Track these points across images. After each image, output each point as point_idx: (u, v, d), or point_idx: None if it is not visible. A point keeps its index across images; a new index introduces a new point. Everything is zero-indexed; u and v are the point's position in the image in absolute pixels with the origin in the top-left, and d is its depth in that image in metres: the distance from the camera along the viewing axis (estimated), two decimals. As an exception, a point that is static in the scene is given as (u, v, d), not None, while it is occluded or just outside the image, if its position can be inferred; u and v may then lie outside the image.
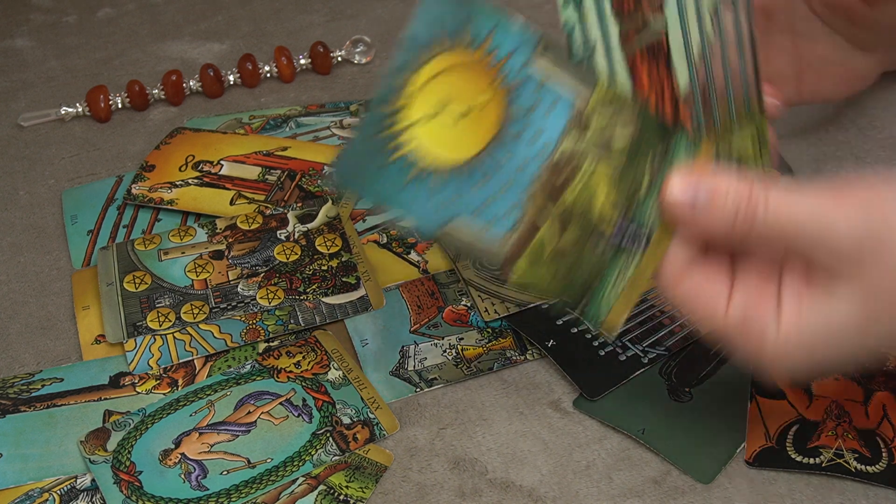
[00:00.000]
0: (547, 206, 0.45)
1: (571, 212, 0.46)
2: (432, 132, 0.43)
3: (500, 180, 0.44)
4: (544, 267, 0.46)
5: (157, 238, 0.65)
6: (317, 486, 0.53)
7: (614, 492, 0.53)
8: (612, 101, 0.45)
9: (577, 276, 0.47)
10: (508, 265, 0.46)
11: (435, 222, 0.45)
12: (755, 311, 0.45)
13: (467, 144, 0.44)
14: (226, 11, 0.87)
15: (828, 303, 0.44)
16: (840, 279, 0.43)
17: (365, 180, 0.44)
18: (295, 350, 0.59)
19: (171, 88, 0.77)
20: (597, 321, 0.48)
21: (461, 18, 0.42)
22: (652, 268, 0.47)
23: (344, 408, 0.56)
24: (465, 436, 0.55)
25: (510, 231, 0.45)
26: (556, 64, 0.44)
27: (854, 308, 0.43)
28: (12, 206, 0.70)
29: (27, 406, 0.57)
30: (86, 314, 0.62)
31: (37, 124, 0.76)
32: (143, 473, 0.54)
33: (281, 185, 0.69)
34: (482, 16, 0.42)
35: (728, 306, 0.45)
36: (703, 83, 0.48)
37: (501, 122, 0.44)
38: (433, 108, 0.43)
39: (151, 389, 0.58)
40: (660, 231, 0.46)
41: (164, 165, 0.70)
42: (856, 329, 0.44)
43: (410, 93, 0.43)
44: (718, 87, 0.48)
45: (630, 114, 0.46)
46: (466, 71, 0.43)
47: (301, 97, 0.78)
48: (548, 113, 0.44)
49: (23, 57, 0.83)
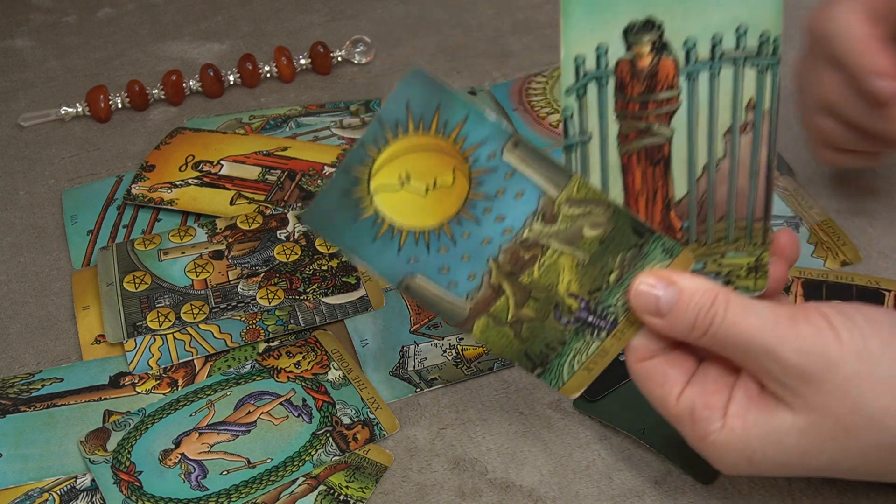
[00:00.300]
0: (509, 278, 0.47)
1: (534, 287, 0.47)
2: (395, 202, 0.45)
3: (459, 251, 0.46)
4: (503, 331, 0.48)
5: (157, 238, 0.65)
6: (317, 486, 0.53)
7: (614, 492, 0.53)
8: (583, 201, 0.46)
9: (536, 344, 0.48)
10: (468, 323, 0.47)
11: (398, 276, 0.46)
12: (703, 406, 0.46)
13: (427, 216, 0.46)
14: (226, 11, 0.87)
15: (773, 416, 0.45)
16: (786, 396, 0.44)
17: (335, 230, 0.46)
18: (295, 350, 0.59)
19: (171, 88, 0.77)
20: (555, 386, 0.49)
21: (433, 104, 0.44)
22: (616, 351, 0.48)
23: (344, 408, 0.56)
24: (465, 436, 0.55)
25: (471, 294, 0.47)
26: (525, 159, 0.45)
27: (796, 430, 0.44)
28: (12, 206, 0.70)
29: (27, 406, 0.57)
30: (86, 314, 0.62)
31: (37, 124, 0.76)
32: (142, 473, 0.54)
33: (281, 185, 0.69)
34: (454, 105, 0.44)
35: (680, 395, 0.47)
36: (701, 198, 0.47)
37: (463, 201, 0.46)
38: (397, 180, 0.45)
39: (151, 389, 0.58)
40: (626, 320, 0.47)
41: (164, 165, 0.70)
42: (797, 449, 0.45)
43: (378, 165, 0.45)
44: (718, 206, 0.48)
45: (603, 215, 0.46)
46: (434, 152, 0.45)
47: (301, 97, 0.78)
48: (513, 200, 0.45)
49: (23, 57, 0.83)
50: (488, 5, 0.86)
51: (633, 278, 0.46)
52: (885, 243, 0.64)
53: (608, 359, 0.48)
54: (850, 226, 0.65)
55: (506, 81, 0.78)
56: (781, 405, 0.45)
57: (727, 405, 0.46)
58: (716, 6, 0.45)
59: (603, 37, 0.45)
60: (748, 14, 0.45)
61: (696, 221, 0.48)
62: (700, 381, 0.47)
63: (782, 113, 0.73)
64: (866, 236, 0.64)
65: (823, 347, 0.43)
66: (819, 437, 0.44)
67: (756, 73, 0.46)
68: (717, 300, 0.45)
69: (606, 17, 0.44)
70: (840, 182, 0.68)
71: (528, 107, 0.75)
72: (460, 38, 0.83)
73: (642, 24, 0.45)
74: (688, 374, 0.47)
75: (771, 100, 0.47)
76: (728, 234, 0.48)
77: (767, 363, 0.44)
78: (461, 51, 0.82)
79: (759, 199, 0.48)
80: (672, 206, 0.47)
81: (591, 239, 0.46)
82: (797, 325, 0.44)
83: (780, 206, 0.66)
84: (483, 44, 0.82)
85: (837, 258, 0.63)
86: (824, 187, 0.68)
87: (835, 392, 0.43)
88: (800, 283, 0.61)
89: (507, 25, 0.84)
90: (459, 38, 0.83)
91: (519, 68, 0.79)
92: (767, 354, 0.44)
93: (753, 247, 0.48)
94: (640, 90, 0.46)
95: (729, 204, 0.48)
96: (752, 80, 0.46)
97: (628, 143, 0.46)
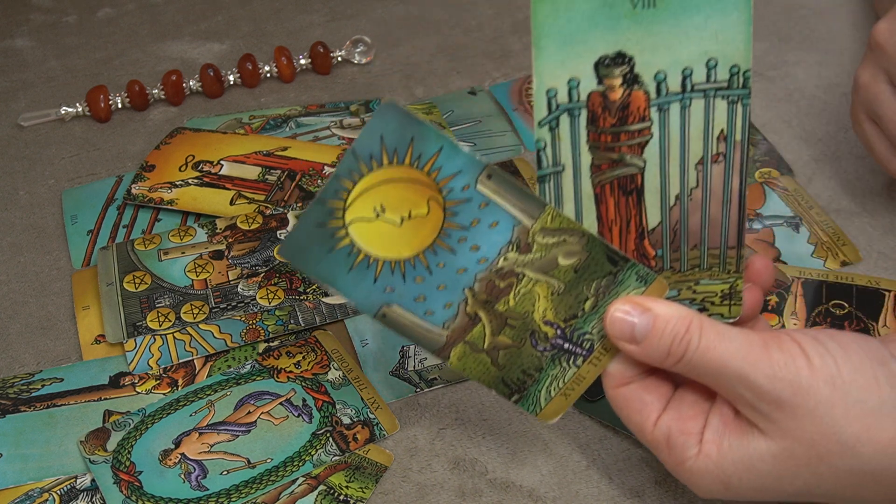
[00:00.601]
0: (485, 306, 0.47)
1: (510, 315, 0.47)
2: (370, 232, 0.46)
3: (435, 280, 0.46)
4: (480, 358, 0.48)
5: (157, 238, 0.65)
6: (317, 487, 0.53)
7: (614, 492, 0.53)
8: (557, 231, 0.46)
9: (513, 371, 0.48)
10: (445, 351, 0.47)
11: (374, 305, 0.47)
12: (679, 431, 0.46)
13: (403, 247, 0.46)
14: (226, 11, 0.87)
15: (747, 441, 0.45)
16: (760, 422, 0.45)
17: (310, 262, 0.46)
18: (295, 350, 0.59)
19: (171, 88, 0.77)
20: (532, 413, 0.49)
21: (406, 137, 0.44)
22: (593, 377, 0.48)
23: (344, 408, 0.56)
24: (466, 436, 0.55)
25: (447, 322, 0.47)
26: (499, 190, 0.45)
27: (770, 455, 0.45)
28: (12, 206, 0.70)
29: (27, 406, 0.57)
30: (86, 314, 0.62)
31: (37, 124, 0.76)
32: (142, 473, 0.54)
33: (281, 185, 0.69)
34: (428, 137, 0.45)
35: (657, 421, 0.47)
36: (674, 226, 0.48)
37: (438, 231, 0.46)
38: (372, 212, 0.45)
39: (151, 389, 0.58)
40: (602, 346, 0.47)
41: (164, 165, 0.70)
42: (772, 475, 0.45)
43: (353, 197, 0.45)
44: (692, 234, 0.48)
45: (577, 244, 0.46)
46: (408, 183, 0.45)
47: (301, 97, 0.78)
48: (488, 230, 0.46)
49: (23, 57, 0.83)
50: (488, 5, 0.86)
51: (608, 305, 0.47)
52: (885, 243, 0.64)
53: (585, 385, 0.48)
54: (850, 226, 0.65)
55: (506, 81, 0.78)
56: (756, 430, 0.45)
57: (703, 431, 0.46)
58: (686, 40, 0.45)
59: (575, 70, 0.45)
60: (718, 48, 0.45)
61: (669, 249, 0.48)
62: (676, 406, 0.47)
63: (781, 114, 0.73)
64: (866, 236, 0.64)
65: (795, 373, 0.44)
66: (793, 463, 0.44)
67: (727, 104, 0.46)
68: (692, 327, 0.45)
69: (578, 50, 0.45)
70: (840, 182, 0.68)
71: (529, 107, 0.75)
72: (460, 38, 0.83)
73: (613, 57, 0.45)
74: (664, 399, 0.47)
75: (742, 131, 0.47)
76: (702, 261, 0.48)
77: (740, 389, 0.44)
78: (461, 51, 0.82)
79: (731, 228, 0.48)
80: (646, 234, 0.48)
81: (566, 267, 0.46)
82: (770, 352, 0.44)
83: (780, 206, 0.66)
84: (483, 44, 0.82)
85: (837, 258, 0.63)
86: (824, 187, 0.68)
87: (807, 417, 0.43)
88: (800, 284, 0.61)
89: (507, 25, 0.84)
90: (459, 38, 0.83)
91: (519, 68, 0.79)
92: (740, 380, 0.44)
93: (727, 274, 0.49)
94: (613, 122, 0.46)
95: (702, 232, 0.48)
96: (723, 111, 0.46)
97: (601, 174, 0.47)
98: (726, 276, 0.49)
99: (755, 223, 0.65)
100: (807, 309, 0.60)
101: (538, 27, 0.45)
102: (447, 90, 0.78)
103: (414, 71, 0.80)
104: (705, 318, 0.45)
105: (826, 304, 0.60)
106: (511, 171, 0.69)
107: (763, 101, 0.75)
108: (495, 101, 0.76)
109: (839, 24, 0.82)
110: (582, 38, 0.45)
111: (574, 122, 0.46)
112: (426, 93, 0.78)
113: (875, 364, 0.44)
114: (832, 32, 0.81)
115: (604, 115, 0.46)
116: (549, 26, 0.45)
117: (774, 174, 0.68)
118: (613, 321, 0.46)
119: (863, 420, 0.43)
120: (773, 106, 0.74)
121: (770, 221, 0.65)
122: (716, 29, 0.45)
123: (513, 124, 0.74)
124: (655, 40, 0.45)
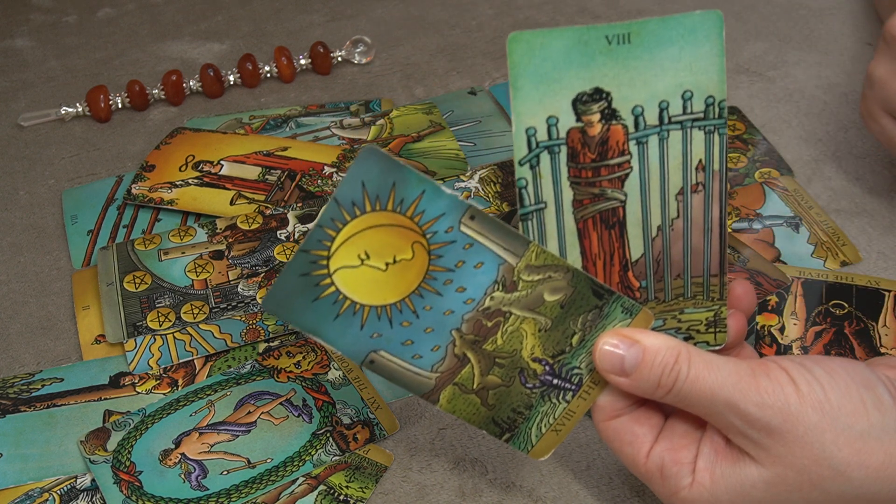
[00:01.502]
0: (472, 348, 0.47)
1: (498, 354, 0.47)
2: (355, 279, 0.45)
3: (422, 324, 0.46)
4: (470, 399, 0.48)
5: (157, 238, 0.65)
6: (317, 486, 0.53)
7: (615, 492, 0.53)
8: (541, 267, 0.46)
9: (503, 410, 0.48)
10: (435, 394, 0.47)
11: (361, 352, 0.46)
12: (672, 462, 0.47)
13: (388, 292, 0.46)
14: (226, 11, 0.87)
15: (739, 469, 0.45)
16: (751, 450, 0.45)
17: (295, 312, 0.46)
18: (295, 350, 0.59)
19: (172, 88, 0.77)
20: (524, 451, 0.49)
21: (388, 183, 0.44)
22: (583, 411, 0.48)
23: (344, 408, 0.56)
24: (466, 436, 0.55)
25: (436, 365, 0.47)
26: (483, 230, 0.45)
27: (762, 482, 0.45)
28: (12, 206, 0.70)
29: (27, 406, 0.57)
30: (86, 314, 0.62)
31: (37, 124, 0.76)
32: (143, 473, 0.54)
33: (281, 185, 0.69)
34: (410, 181, 0.44)
35: (649, 452, 0.47)
36: (657, 257, 0.48)
37: (424, 275, 0.46)
38: (356, 259, 0.45)
39: (151, 389, 0.58)
40: (591, 380, 0.48)
41: (164, 165, 0.70)
42: (765, 501, 0.45)
43: (336, 245, 0.45)
44: (675, 264, 0.48)
45: (562, 280, 0.46)
46: (392, 229, 0.45)
47: (301, 97, 0.78)
48: (473, 270, 0.46)
49: (23, 57, 0.83)
50: (488, 5, 0.86)
51: (595, 339, 0.47)
52: (885, 243, 0.64)
53: (575, 419, 0.48)
54: (850, 226, 0.65)
55: (506, 81, 0.78)
56: (747, 458, 0.45)
57: (695, 460, 0.46)
58: (661, 73, 0.46)
59: (553, 108, 0.46)
60: (693, 81, 0.46)
61: (653, 280, 0.49)
62: (668, 436, 0.47)
63: (782, 114, 0.73)
64: (866, 236, 0.64)
65: (784, 400, 0.44)
66: (785, 489, 0.44)
67: (704, 134, 0.47)
68: (680, 357, 0.45)
69: (555, 88, 0.45)
70: (840, 182, 0.68)
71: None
72: (460, 38, 0.83)
73: (590, 93, 0.46)
74: (655, 430, 0.48)
75: (719, 160, 0.47)
76: (686, 290, 0.49)
77: (731, 417, 0.44)
78: (461, 51, 0.82)
79: (713, 256, 0.48)
80: (629, 266, 0.48)
81: (552, 303, 0.47)
82: (758, 379, 0.44)
83: (780, 207, 0.66)
84: (483, 44, 0.82)
85: (837, 258, 0.63)
86: (824, 187, 0.68)
87: (797, 443, 0.44)
88: (799, 284, 0.61)
89: (507, 25, 0.84)
90: (459, 38, 0.83)
91: (519, 68, 0.79)
92: (730, 409, 0.44)
93: (711, 302, 0.49)
94: (593, 157, 0.47)
95: (685, 261, 0.48)
96: (701, 141, 0.47)
97: (583, 209, 0.47)
98: (710, 304, 0.49)
99: (755, 223, 0.65)
100: (807, 309, 0.60)
101: (514, 67, 0.45)
102: (447, 90, 0.78)
103: (414, 71, 0.80)
104: (693, 347, 0.45)
105: (826, 304, 0.60)
106: (511, 171, 0.69)
107: (763, 101, 0.75)
108: (495, 101, 0.76)
109: (839, 24, 0.82)
110: (558, 76, 0.45)
111: (554, 159, 0.46)
112: (426, 93, 0.78)
113: (862, 389, 0.44)
114: (832, 32, 0.81)
115: (583, 150, 0.46)
116: (524, 66, 0.45)
117: (774, 174, 0.68)
118: (602, 355, 0.46)
119: (852, 445, 0.43)
120: (773, 106, 0.74)
121: (770, 221, 0.65)
122: (690, 61, 0.46)
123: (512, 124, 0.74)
124: (632, 75, 0.46)
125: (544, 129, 0.46)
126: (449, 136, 0.72)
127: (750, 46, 0.80)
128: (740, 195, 0.67)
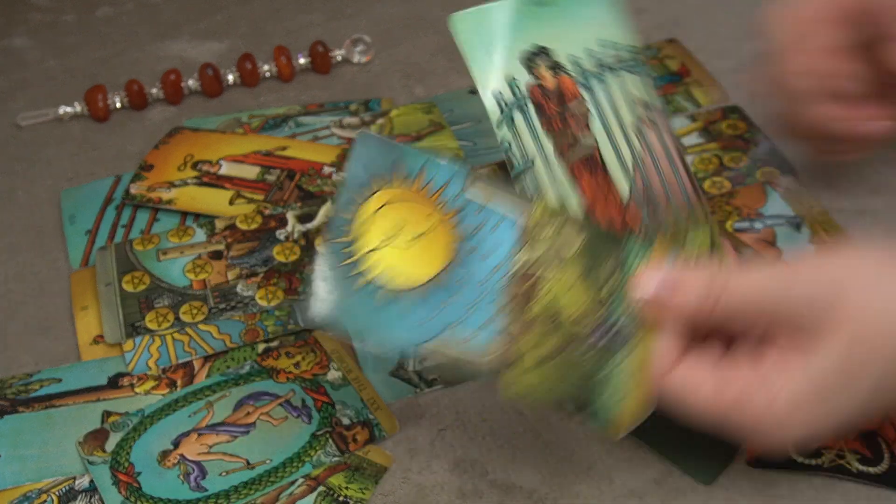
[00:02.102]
0: (520, 316, 0.47)
1: (544, 319, 0.47)
2: (394, 255, 0.47)
3: (469, 295, 0.47)
4: (532, 375, 0.47)
5: (155, 238, 0.65)
6: (316, 488, 0.53)
7: (615, 493, 0.52)
8: (553, 215, 0.47)
9: (569, 381, 0.47)
10: (496, 377, 0.47)
11: (416, 341, 0.47)
12: (746, 388, 0.46)
13: (427, 264, 0.47)
14: (225, 11, 0.86)
15: (808, 362, 0.45)
16: (812, 336, 0.45)
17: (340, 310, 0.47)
18: (294, 351, 0.59)
19: (170, 88, 0.77)
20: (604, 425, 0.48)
21: (389, 161, 0.47)
22: (646, 363, 0.47)
23: (343, 409, 0.56)
24: (466, 436, 0.55)
25: (491, 341, 0.47)
26: (487, 193, 0.47)
27: (831, 362, 0.44)
28: (10, 207, 0.70)
29: (25, 407, 0.57)
30: (84, 314, 0.62)
31: (35, 124, 0.76)
32: (141, 474, 0.53)
33: (280, 184, 0.69)
34: (409, 157, 0.47)
35: (720, 388, 0.46)
36: (642, 191, 0.50)
37: (454, 241, 0.47)
38: (387, 233, 0.47)
39: (150, 390, 0.58)
40: (642, 328, 0.47)
41: (163, 165, 0.70)
42: (840, 383, 0.45)
43: (361, 223, 0.47)
44: (658, 195, 0.51)
45: (574, 226, 0.47)
46: (408, 201, 0.47)
47: (301, 97, 0.78)
48: (493, 231, 0.47)
49: (21, 56, 0.83)
50: (488, 5, 0.86)
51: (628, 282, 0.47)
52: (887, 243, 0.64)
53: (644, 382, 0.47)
54: (851, 226, 0.65)
55: (506, 81, 0.78)
56: (809, 349, 0.45)
57: (766, 378, 0.45)
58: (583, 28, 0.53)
59: (508, 70, 0.51)
60: (605, 32, 0.53)
61: (649, 216, 0.51)
62: (731, 367, 0.46)
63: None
64: (868, 236, 0.64)
65: (831, 273, 0.45)
66: (857, 364, 0.44)
67: (633, 77, 0.52)
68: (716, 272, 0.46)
69: (504, 54, 0.51)
70: (842, 182, 0.68)
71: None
72: (460, 37, 0.83)
73: (533, 51, 0.51)
74: (713, 371, 0.47)
75: (652, 97, 0.53)
76: (679, 220, 0.51)
77: (784, 312, 0.45)
78: (461, 50, 0.81)
79: (685, 179, 0.52)
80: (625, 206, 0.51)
81: (574, 251, 0.47)
82: (797, 266, 0.46)
83: (782, 206, 0.66)
84: (483, 43, 0.82)
85: (839, 258, 0.63)
86: (826, 187, 0.68)
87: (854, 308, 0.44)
88: (801, 283, 0.60)
89: (507, 25, 0.84)
90: (459, 38, 0.83)
91: (519, 68, 0.79)
92: (784, 298, 0.45)
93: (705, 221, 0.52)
94: (556, 107, 0.51)
95: (666, 191, 0.51)
96: (634, 82, 0.52)
97: (567, 156, 0.50)
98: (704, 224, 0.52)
99: (756, 223, 0.65)
100: (808, 309, 0.59)
101: (465, 42, 0.51)
102: (447, 90, 0.77)
103: (414, 71, 0.79)
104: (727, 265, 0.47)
105: (827, 304, 0.59)
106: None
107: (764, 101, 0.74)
108: (495, 100, 0.76)
109: (840, 24, 0.82)
110: (503, 42, 0.51)
111: (526, 115, 0.51)
112: (426, 92, 0.77)
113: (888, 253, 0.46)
114: (833, 32, 0.81)
115: (547, 103, 0.51)
116: (472, 39, 0.51)
117: (776, 174, 0.68)
118: (641, 291, 0.46)
119: None
120: (773, 105, 0.74)
121: (771, 221, 0.65)
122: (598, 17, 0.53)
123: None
124: (556, 31, 0.52)
125: (508, 91, 0.51)
126: (449, 135, 0.72)
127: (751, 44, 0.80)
128: (742, 195, 0.66)
